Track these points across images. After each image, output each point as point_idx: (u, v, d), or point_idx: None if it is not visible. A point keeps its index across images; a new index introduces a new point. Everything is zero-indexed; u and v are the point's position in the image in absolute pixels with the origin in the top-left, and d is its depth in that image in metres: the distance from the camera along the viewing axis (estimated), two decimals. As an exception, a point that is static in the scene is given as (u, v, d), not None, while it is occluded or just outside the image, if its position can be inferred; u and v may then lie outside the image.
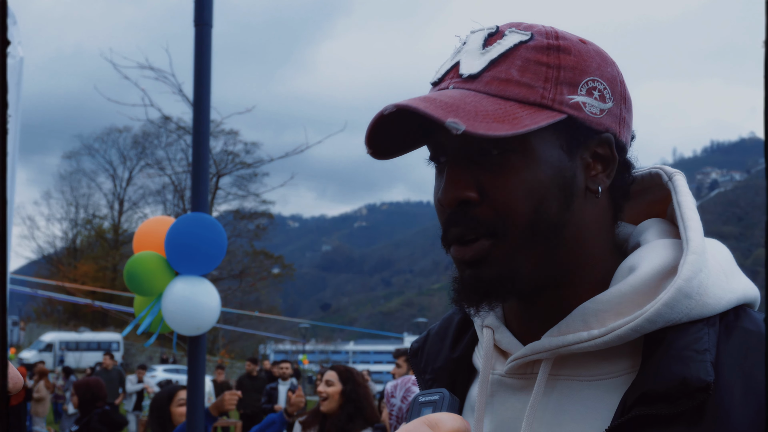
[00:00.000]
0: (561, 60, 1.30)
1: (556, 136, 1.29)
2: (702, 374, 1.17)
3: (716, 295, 1.28)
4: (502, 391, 1.41)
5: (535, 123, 1.23)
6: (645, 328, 1.24)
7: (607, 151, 1.33)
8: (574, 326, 1.30)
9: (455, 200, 1.29)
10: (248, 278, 42.18)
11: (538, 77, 1.28)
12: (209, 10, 6.10)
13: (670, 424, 1.19)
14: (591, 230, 1.33)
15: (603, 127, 1.31)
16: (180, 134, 40.83)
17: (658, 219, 1.45)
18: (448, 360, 1.53)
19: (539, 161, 1.28)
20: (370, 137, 1.33)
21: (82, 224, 71.00)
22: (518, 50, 1.30)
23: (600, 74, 1.32)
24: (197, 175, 6.04)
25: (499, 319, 1.44)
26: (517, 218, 1.27)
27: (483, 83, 1.29)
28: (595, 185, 1.32)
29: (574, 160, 1.31)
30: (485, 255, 1.29)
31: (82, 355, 52.46)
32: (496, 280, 1.29)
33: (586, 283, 1.34)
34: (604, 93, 1.31)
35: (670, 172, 1.43)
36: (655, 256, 1.32)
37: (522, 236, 1.28)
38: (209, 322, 5.79)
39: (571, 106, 1.28)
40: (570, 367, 1.33)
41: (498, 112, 1.23)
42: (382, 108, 1.26)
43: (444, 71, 1.36)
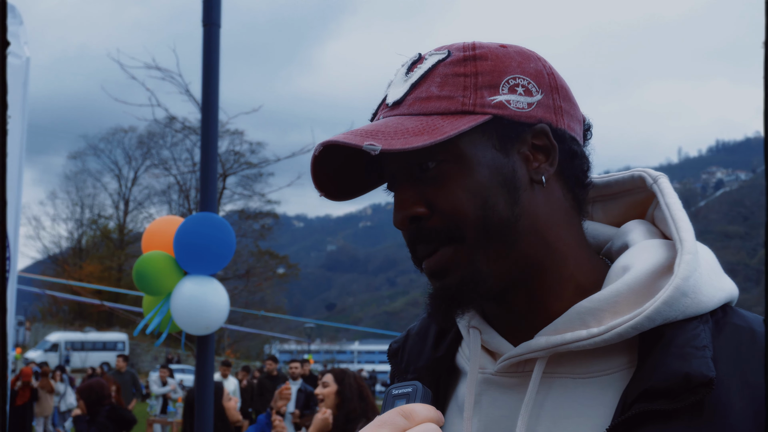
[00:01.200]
0: (478, 67, 1.35)
1: (486, 137, 1.33)
2: (704, 370, 1.20)
3: (709, 293, 1.32)
4: (491, 389, 1.43)
5: (456, 129, 1.28)
6: (644, 326, 1.27)
7: (544, 141, 1.36)
8: (571, 325, 1.33)
9: (405, 219, 1.35)
10: (254, 278, 42.20)
11: (456, 88, 1.33)
12: (217, 10, 6.11)
13: (671, 419, 1.21)
14: (548, 221, 1.37)
15: (535, 119, 1.35)
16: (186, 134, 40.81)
17: (640, 220, 1.49)
18: (431, 359, 1.55)
19: (474, 164, 1.32)
20: (316, 179, 1.40)
21: (87, 224, 71.21)
22: (437, 69, 1.36)
23: (521, 71, 1.36)
24: (205, 175, 6.05)
25: (483, 320, 1.46)
26: (467, 222, 1.32)
27: (406, 106, 1.35)
28: (539, 175, 1.36)
29: (510, 156, 1.34)
30: (447, 262, 1.34)
31: (88, 355, 52.52)
32: (460, 284, 1.33)
33: (559, 278, 1.38)
34: (529, 87, 1.35)
35: (654, 176, 1.46)
36: (648, 256, 1.35)
37: (476, 237, 1.32)
38: (218, 322, 5.81)
39: (494, 106, 1.32)
40: (564, 365, 1.36)
41: (419, 127, 1.29)
42: (314, 149, 1.33)
43: (377, 106, 1.43)
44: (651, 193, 1.48)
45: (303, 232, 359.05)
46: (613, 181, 1.52)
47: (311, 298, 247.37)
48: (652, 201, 1.49)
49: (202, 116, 6.17)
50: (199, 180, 6.29)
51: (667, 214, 1.39)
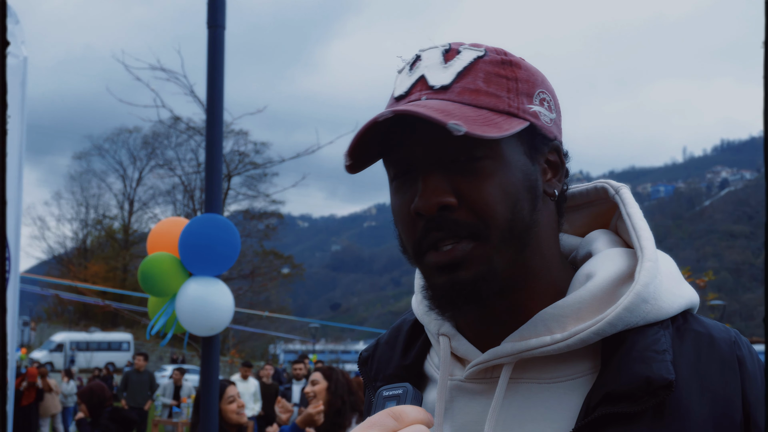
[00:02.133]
0: (516, 73, 1.38)
1: (520, 142, 1.36)
2: (664, 373, 1.25)
3: (669, 300, 1.36)
4: (461, 396, 1.45)
5: (512, 128, 1.30)
6: (606, 332, 1.31)
7: (556, 158, 1.41)
8: (535, 331, 1.36)
9: (436, 206, 1.32)
10: (258, 278, 42.23)
11: (501, 88, 1.35)
12: (222, 12, 6.11)
13: (633, 421, 1.25)
14: (547, 232, 1.41)
15: (553, 135, 1.40)
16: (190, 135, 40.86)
17: (604, 230, 1.53)
18: (399, 367, 1.56)
19: (509, 165, 1.34)
20: (356, 147, 1.35)
21: (92, 224, 71.31)
22: (477, 64, 1.37)
23: (545, 87, 1.41)
24: (210, 176, 6.06)
25: (453, 328, 1.48)
26: (496, 220, 1.33)
27: (455, 93, 1.34)
28: (552, 189, 1.40)
29: (534, 164, 1.38)
30: (463, 257, 1.33)
31: (93, 355, 52.57)
32: (473, 281, 1.34)
33: (542, 285, 1.40)
34: (551, 104, 1.40)
35: (616, 186, 1.50)
36: (610, 264, 1.39)
37: (502, 237, 1.33)
38: (223, 323, 5.81)
39: (531, 114, 1.36)
40: (530, 371, 1.38)
41: (480, 118, 1.29)
42: (376, 115, 1.29)
43: (410, 84, 1.40)
44: (613, 204, 1.52)
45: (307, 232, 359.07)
46: (577, 192, 1.55)
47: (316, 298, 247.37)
48: (615, 211, 1.52)
49: (206, 117, 6.18)
50: (203, 180, 6.30)
51: (629, 223, 1.43)
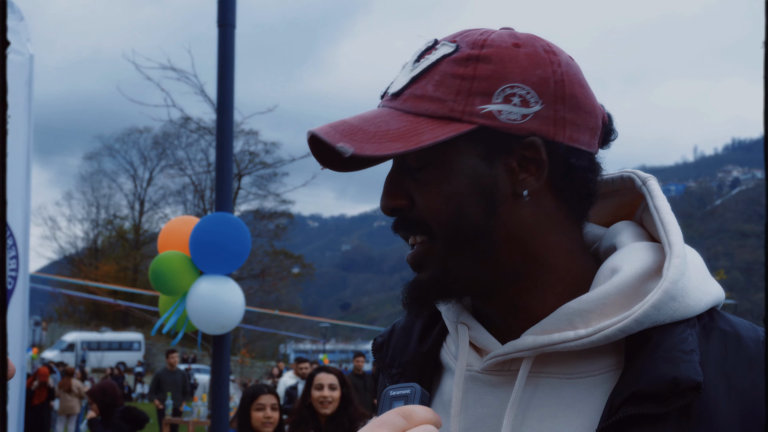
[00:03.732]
0: (476, 70, 1.32)
1: (473, 144, 1.32)
2: (692, 374, 1.22)
3: (696, 297, 1.33)
4: (476, 387, 1.43)
5: (435, 138, 1.28)
6: (632, 329, 1.28)
7: (535, 154, 1.33)
8: (558, 326, 1.33)
9: (387, 208, 1.40)
10: (269, 278, 42.24)
11: (450, 91, 1.32)
12: (232, 10, 6.13)
13: (658, 423, 1.22)
14: (533, 231, 1.36)
15: (526, 131, 1.31)
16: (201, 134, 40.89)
17: (629, 222, 1.49)
18: (416, 354, 1.55)
19: (454, 171, 1.33)
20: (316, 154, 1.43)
21: (103, 225, 71.53)
22: (440, 65, 1.34)
23: (522, 79, 1.31)
24: (221, 176, 6.08)
25: (472, 317, 1.47)
26: (440, 224, 1.34)
27: (401, 101, 1.35)
28: (521, 188, 1.34)
29: (493, 167, 1.33)
30: (422, 258, 1.39)
31: (104, 354, 52.73)
32: (430, 281, 1.38)
33: (543, 283, 1.38)
34: (527, 98, 1.31)
35: (643, 177, 1.46)
36: (636, 259, 1.35)
37: (448, 240, 1.35)
38: (234, 321, 5.82)
39: (483, 116, 1.30)
40: (550, 365, 1.36)
41: (400, 131, 1.29)
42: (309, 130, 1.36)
43: (385, 89, 1.44)
44: (639, 194, 1.48)
45: (318, 231, 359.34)
46: (602, 181, 1.50)
47: (326, 297, 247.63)
48: (641, 202, 1.49)
49: (217, 116, 6.20)
50: (214, 180, 6.30)
51: (656, 217, 1.39)
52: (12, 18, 5.84)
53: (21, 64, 5.73)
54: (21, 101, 5.68)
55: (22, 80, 5.69)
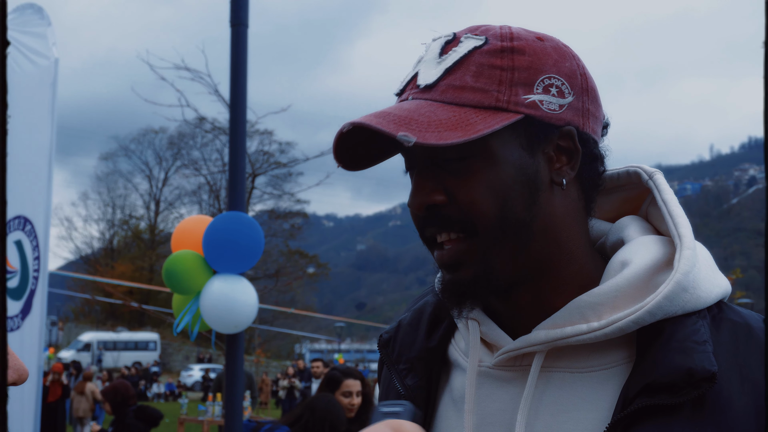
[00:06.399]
0: (515, 61, 1.33)
1: (515, 135, 1.32)
2: (706, 364, 1.22)
3: (707, 289, 1.33)
4: (488, 383, 1.43)
5: (489, 127, 1.27)
6: (645, 320, 1.28)
7: (569, 144, 1.36)
8: (570, 319, 1.33)
9: (422, 205, 1.35)
10: (283, 278, 42.34)
11: (492, 81, 1.31)
12: (245, 10, 6.14)
13: (672, 413, 1.23)
14: (563, 222, 1.37)
15: (563, 121, 1.34)
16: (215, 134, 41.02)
17: (635, 216, 1.49)
18: (424, 349, 1.54)
19: (500, 162, 1.32)
20: (337, 153, 1.39)
21: (118, 225, 71.86)
22: (473, 56, 1.34)
23: (557, 71, 1.34)
24: (234, 175, 6.08)
25: (482, 312, 1.46)
26: (484, 218, 1.31)
27: (439, 92, 1.33)
28: (560, 177, 1.36)
29: (535, 156, 1.34)
30: (460, 256, 1.34)
31: (120, 354, 52.98)
32: (472, 281, 1.34)
33: (565, 275, 1.38)
34: (563, 88, 1.34)
35: (649, 171, 1.46)
36: (646, 252, 1.36)
37: (492, 235, 1.32)
38: (247, 320, 5.82)
39: (527, 105, 1.31)
40: (562, 360, 1.36)
41: (452, 120, 1.27)
42: (342, 126, 1.32)
43: (405, 82, 1.41)
44: (645, 189, 1.49)
45: (333, 231, 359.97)
46: (608, 176, 1.51)
47: (341, 297, 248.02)
48: (646, 197, 1.49)
49: (230, 116, 6.20)
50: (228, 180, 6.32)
51: (665, 210, 1.40)
52: (40, 24, 5.92)
53: (46, 68, 5.78)
54: (45, 103, 5.74)
55: (47, 83, 5.74)
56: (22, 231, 5.73)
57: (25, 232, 5.72)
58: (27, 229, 5.71)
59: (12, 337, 5.62)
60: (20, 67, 5.83)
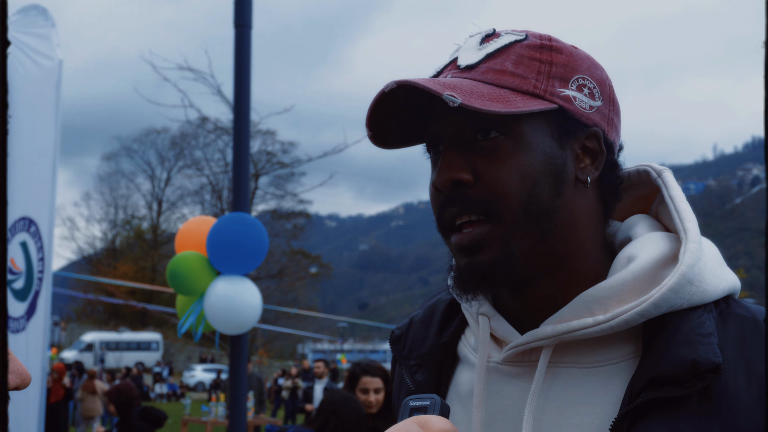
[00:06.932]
0: (553, 57, 1.38)
1: (547, 125, 1.36)
2: (711, 356, 1.23)
3: (713, 282, 1.35)
4: (497, 378, 1.44)
5: (528, 107, 1.30)
6: (651, 313, 1.29)
7: (595, 145, 1.40)
8: (576, 313, 1.35)
9: (449, 181, 1.35)
10: (286, 278, 42.32)
11: (531, 70, 1.36)
12: (249, 11, 6.15)
13: (678, 406, 1.24)
14: (581, 220, 1.39)
15: (592, 122, 1.39)
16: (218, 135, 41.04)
17: (644, 215, 1.51)
18: (435, 345, 1.56)
19: (531, 147, 1.34)
20: (371, 117, 1.40)
21: (121, 225, 71.80)
22: (513, 47, 1.38)
23: (590, 74, 1.40)
24: (238, 176, 6.09)
25: (493, 308, 1.47)
26: (510, 200, 1.33)
27: (479, 73, 1.36)
28: (585, 176, 1.39)
29: (564, 149, 1.37)
30: (481, 239, 1.34)
31: (122, 354, 52.98)
32: (491, 264, 1.34)
33: (578, 274, 1.40)
34: (594, 91, 1.39)
35: (658, 170, 1.49)
36: (652, 246, 1.37)
37: (515, 218, 1.33)
38: (251, 321, 5.83)
39: (562, 98, 1.36)
40: (570, 355, 1.38)
41: (493, 95, 1.31)
42: (384, 85, 1.33)
43: (442, 66, 1.44)
44: (655, 188, 1.51)
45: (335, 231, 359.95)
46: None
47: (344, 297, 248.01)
48: (656, 196, 1.51)
49: (234, 116, 6.21)
50: (231, 180, 6.33)
51: (671, 206, 1.42)
52: (45, 25, 5.93)
53: (51, 69, 5.79)
54: (50, 104, 5.75)
55: (52, 84, 5.75)
56: (27, 232, 5.73)
57: (29, 234, 5.72)
58: (32, 231, 5.71)
59: (17, 338, 5.62)
60: (24, 69, 5.84)
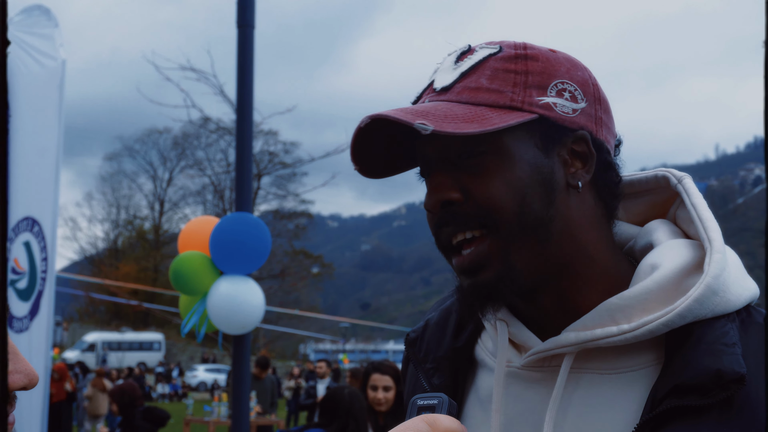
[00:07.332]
0: (528, 66, 1.37)
1: (529, 135, 1.36)
2: (736, 366, 1.23)
3: (736, 292, 1.35)
4: (516, 383, 1.44)
5: (504, 122, 1.31)
6: (675, 323, 1.29)
7: (584, 148, 1.39)
8: (600, 321, 1.35)
9: (438, 202, 1.36)
10: (288, 278, 42.31)
11: (506, 83, 1.36)
12: (252, 11, 6.15)
13: (701, 415, 1.23)
14: (580, 225, 1.39)
15: (577, 125, 1.38)
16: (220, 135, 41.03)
17: (663, 220, 1.51)
18: (451, 349, 1.56)
19: (515, 160, 1.34)
20: (354, 153, 1.41)
21: (123, 225, 71.80)
22: (488, 62, 1.38)
23: (569, 77, 1.39)
24: (240, 176, 6.09)
25: (510, 313, 1.47)
26: (503, 214, 1.33)
27: (455, 93, 1.37)
28: (575, 180, 1.38)
29: (550, 157, 1.37)
30: (482, 258, 1.35)
31: (125, 354, 52.99)
32: (495, 281, 1.35)
33: (586, 278, 1.39)
34: (575, 94, 1.38)
35: (678, 176, 1.48)
36: (676, 255, 1.37)
37: (511, 231, 1.33)
38: (254, 321, 5.83)
39: (541, 106, 1.35)
40: (591, 361, 1.38)
41: (468, 115, 1.30)
42: (360, 121, 1.34)
43: (421, 91, 1.45)
44: (673, 193, 1.50)
45: (337, 231, 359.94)
46: (636, 180, 1.53)
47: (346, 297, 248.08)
48: (674, 201, 1.51)
49: (236, 117, 6.21)
50: (233, 180, 6.34)
51: (694, 214, 1.41)
52: (48, 25, 5.94)
53: (54, 69, 5.80)
54: (53, 104, 5.76)
55: (55, 84, 5.76)
56: (30, 232, 5.74)
57: (33, 234, 5.73)
58: (35, 231, 5.72)
59: (21, 338, 5.63)
60: (28, 69, 5.85)
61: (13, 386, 1.13)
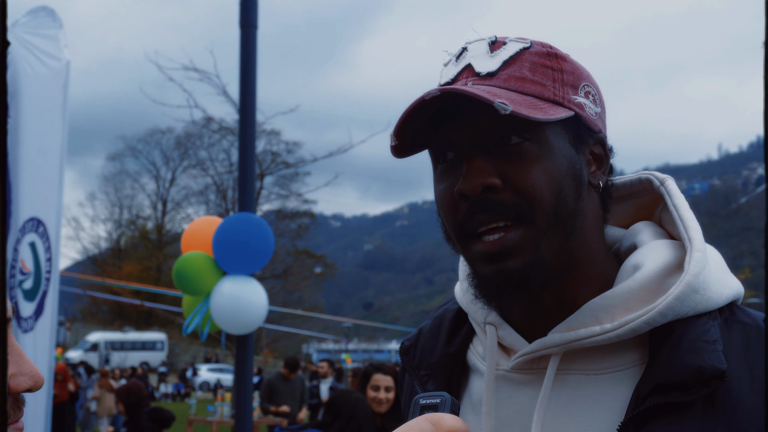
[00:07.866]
0: (561, 65, 1.40)
1: (565, 131, 1.38)
2: (716, 363, 1.26)
3: (717, 290, 1.37)
4: (505, 386, 1.46)
5: (557, 114, 1.31)
6: (656, 321, 1.32)
7: (601, 151, 1.44)
8: (584, 321, 1.37)
9: (480, 186, 1.33)
10: (291, 277, 42.29)
11: (547, 77, 1.37)
12: (254, 11, 6.15)
13: (684, 412, 1.26)
14: (591, 224, 1.42)
15: (598, 128, 1.42)
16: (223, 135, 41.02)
17: (648, 222, 1.53)
18: (444, 355, 1.57)
19: (555, 152, 1.36)
20: (400, 128, 1.37)
21: (126, 225, 71.76)
22: (523, 54, 1.39)
23: (590, 81, 1.43)
24: (243, 176, 6.10)
25: (499, 317, 1.48)
26: (542, 203, 1.33)
27: (501, 80, 1.36)
28: (596, 180, 1.42)
29: (579, 154, 1.40)
30: (512, 246, 1.34)
31: (128, 354, 52.99)
32: (521, 270, 1.34)
33: (587, 277, 1.41)
34: (596, 98, 1.43)
35: (661, 178, 1.51)
36: (657, 255, 1.40)
37: (548, 221, 1.34)
38: (257, 321, 5.84)
39: (576, 105, 1.38)
40: (577, 362, 1.39)
41: (526, 102, 1.31)
42: (423, 93, 1.31)
43: (456, 72, 1.42)
44: (658, 196, 1.53)
45: (340, 231, 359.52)
46: (620, 183, 1.55)
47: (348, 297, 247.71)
48: (659, 203, 1.53)
49: (239, 117, 6.22)
50: (236, 180, 6.35)
51: (675, 214, 1.44)
52: (52, 26, 5.95)
53: (58, 70, 5.81)
54: (57, 105, 5.77)
55: (59, 85, 5.77)
56: (36, 233, 5.75)
57: (38, 234, 5.74)
58: (40, 231, 5.73)
59: (26, 338, 5.65)
60: (33, 69, 5.86)
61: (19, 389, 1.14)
